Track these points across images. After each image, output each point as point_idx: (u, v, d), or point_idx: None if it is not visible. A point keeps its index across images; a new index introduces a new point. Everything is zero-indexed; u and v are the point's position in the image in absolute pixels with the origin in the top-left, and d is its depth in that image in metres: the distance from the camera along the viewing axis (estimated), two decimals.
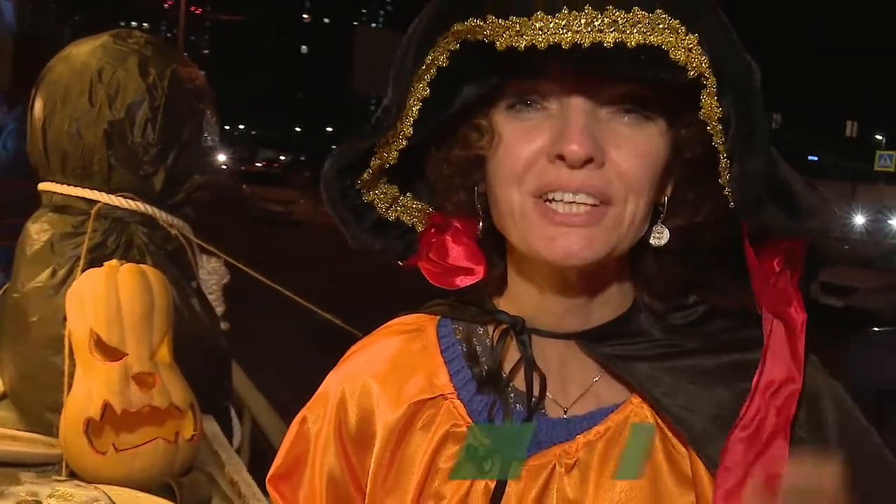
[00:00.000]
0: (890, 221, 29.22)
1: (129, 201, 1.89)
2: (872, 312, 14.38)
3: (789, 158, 0.99)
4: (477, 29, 0.92)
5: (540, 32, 0.88)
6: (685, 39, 0.87)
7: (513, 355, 1.05)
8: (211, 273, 2.08)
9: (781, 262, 0.96)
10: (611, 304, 1.04)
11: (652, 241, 1.00)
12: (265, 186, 30.19)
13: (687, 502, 0.97)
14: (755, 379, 0.95)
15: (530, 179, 0.95)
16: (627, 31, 0.87)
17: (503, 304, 1.08)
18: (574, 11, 0.87)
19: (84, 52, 1.93)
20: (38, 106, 1.92)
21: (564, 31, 0.87)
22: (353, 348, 1.16)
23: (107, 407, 1.56)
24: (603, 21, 0.87)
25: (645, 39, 0.87)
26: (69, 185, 1.91)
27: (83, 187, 1.89)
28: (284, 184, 32.06)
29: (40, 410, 1.83)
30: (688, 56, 0.88)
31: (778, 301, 0.96)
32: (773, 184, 0.90)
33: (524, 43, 0.89)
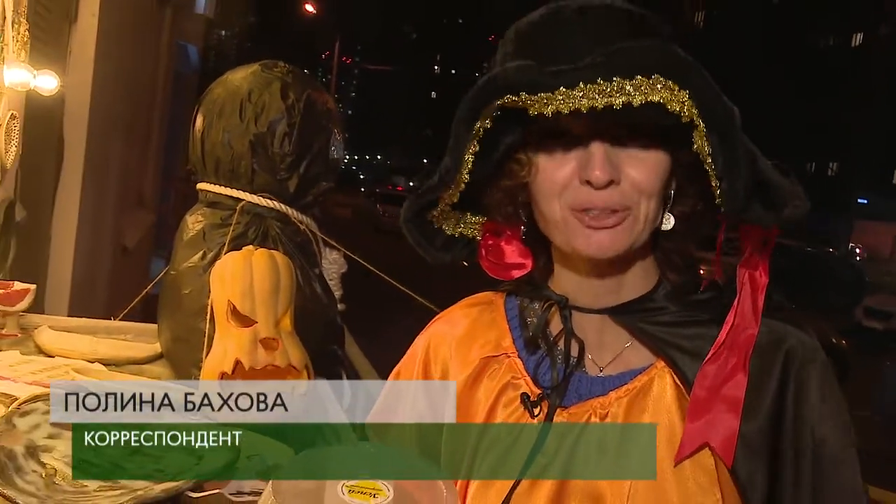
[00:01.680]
0: None
1: (268, 200, 1.94)
2: None
3: (842, 201, 1.03)
4: (511, 102, 0.99)
5: (562, 102, 0.94)
6: (678, 94, 0.94)
7: (559, 325, 1.11)
8: (332, 263, 2.11)
9: (758, 236, 1.02)
10: (638, 283, 1.08)
11: (662, 226, 1.05)
12: (396, 206, 30.49)
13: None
14: (727, 322, 1.02)
15: (566, 197, 1.01)
16: (632, 94, 0.93)
17: (553, 285, 1.14)
18: (589, 84, 0.93)
19: (238, 77, 1.99)
20: (199, 121, 1.99)
21: (582, 99, 0.94)
22: (437, 317, 1.24)
23: (238, 364, 1.60)
24: (612, 88, 0.93)
25: (646, 99, 0.93)
26: (220, 185, 1.97)
27: (231, 187, 1.95)
28: None
29: (188, 367, 1.89)
30: (682, 107, 0.94)
31: (749, 266, 1.03)
32: (754, 183, 0.95)
33: (551, 110, 0.95)
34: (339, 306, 2.14)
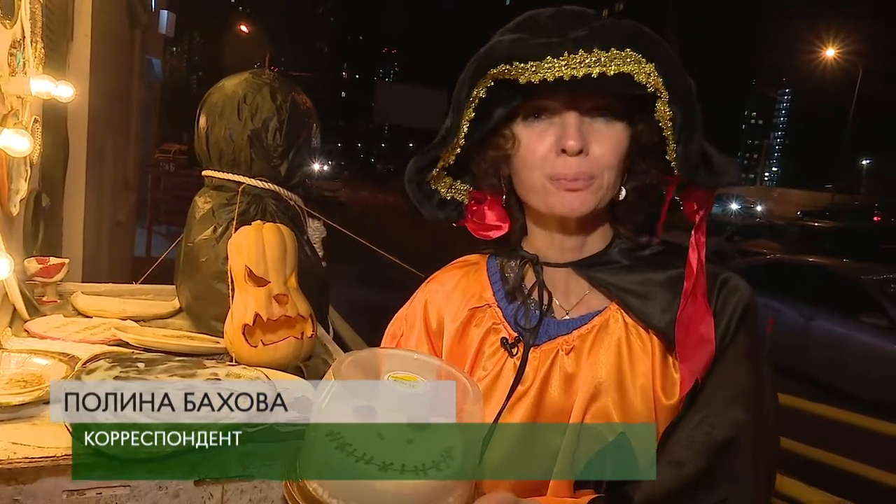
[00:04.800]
0: None
1: (264, 182, 1.80)
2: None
3: None
4: (505, 71, 0.90)
5: (549, 71, 0.87)
6: (646, 67, 0.86)
7: (532, 279, 1.03)
8: (314, 230, 1.99)
9: (699, 203, 0.96)
10: (596, 242, 1.02)
11: (618, 197, 0.99)
12: (320, 180, 30.14)
13: (645, 367, 0.95)
14: (688, 276, 0.94)
15: (545, 167, 0.93)
16: (607, 65, 0.86)
17: (526, 245, 1.06)
18: (571, 55, 0.86)
19: (232, 84, 1.82)
20: (202, 120, 1.82)
21: (565, 68, 0.86)
22: (431, 277, 1.14)
23: (257, 317, 1.48)
24: (591, 59, 0.86)
25: (619, 69, 0.86)
26: (224, 172, 1.81)
27: (234, 173, 1.79)
28: (332, 179, 32.11)
29: (208, 320, 1.75)
30: (648, 78, 0.87)
31: (698, 231, 0.96)
32: (702, 156, 0.90)
33: (538, 78, 0.87)
34: (322, 264, 2.02)
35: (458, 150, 0.98)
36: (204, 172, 1.86)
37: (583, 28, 0.87)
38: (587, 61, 0.85)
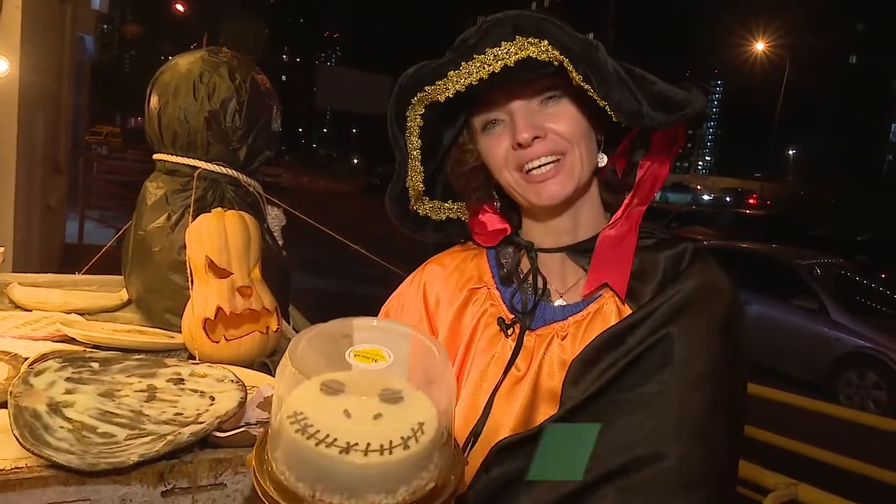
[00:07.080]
0: None
1: (222, 167, 1.69)
2: None
3: None
4: (423, 98, 0.97)
5: (456, 82, 0.93)
6: (540, 45, 0.89)
7: (528, 265, 1.06)
8: (274, 218, 1.89)
9: (666, 140, 0.97)
10: (588, 228, 1.03)
11: (598, 164, 1.01)
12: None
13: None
14: (627, 198, 0.99)
15: (510, 164, 0.97)
16: (505, 57, 0.90)
17: (522, 234, 1.09)
18: (468, 61, 0.91)
19: (186, 62, 1.70)
20: (154, 100, 1.69)
21: (467, 76, 0.92)
22: (430, 260, 1.17)
23: (219, 310, 1.38)
24: (488, 59, 0.90)
25: (518, 57, 0.89)
26: (178, 155, 1.68)
27: (189, 157, 1.67)
28: (273, 164, 31.52)
29: (162, 313, 1.63)
30: (546, 54, 0.89)
31: (654, 161, 0.98)
32: (651, 97, 0.88)
33: (451, 92, 0.93)
34: (283, 253, 1.92)
35: (422, 175, 1.04)
36: (156, 156, 1.73)
37: (475, 35, 0.92)
38: (486, 61, 0.90)
